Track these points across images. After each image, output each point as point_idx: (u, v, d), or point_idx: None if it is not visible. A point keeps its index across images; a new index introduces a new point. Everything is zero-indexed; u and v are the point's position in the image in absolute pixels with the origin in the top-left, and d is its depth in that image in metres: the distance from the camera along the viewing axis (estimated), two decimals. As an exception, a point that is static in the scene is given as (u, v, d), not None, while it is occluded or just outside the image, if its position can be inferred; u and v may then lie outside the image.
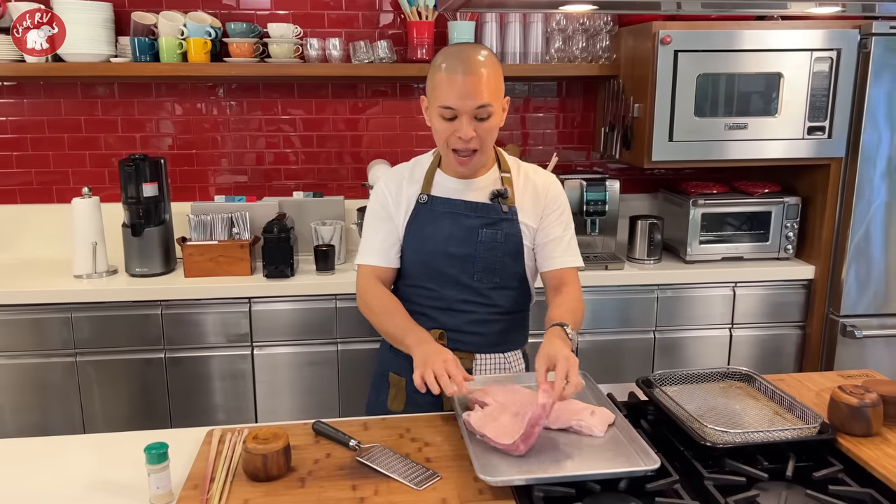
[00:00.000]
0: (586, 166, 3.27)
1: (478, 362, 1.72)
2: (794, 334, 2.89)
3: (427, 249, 1.67)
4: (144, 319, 2.58)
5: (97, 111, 2.97)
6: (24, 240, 2.98)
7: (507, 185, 1.69)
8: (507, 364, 1.76)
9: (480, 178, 1.69)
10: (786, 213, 2.87)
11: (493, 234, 1.66)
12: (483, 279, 1.67)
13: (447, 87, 1.52)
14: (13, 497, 1.32)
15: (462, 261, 1.66)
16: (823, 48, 2.64)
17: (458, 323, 1.68)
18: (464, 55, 1.55)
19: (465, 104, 1.52)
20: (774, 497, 1.24)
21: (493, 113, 1.56)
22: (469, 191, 1.68)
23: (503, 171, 1.71)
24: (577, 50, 2.94)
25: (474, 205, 1.67)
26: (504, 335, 1.75)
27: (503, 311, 1.72)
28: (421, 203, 1.68)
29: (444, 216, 1.67)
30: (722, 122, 2.70)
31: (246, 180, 3.10)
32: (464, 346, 1.70)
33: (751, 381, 1.63)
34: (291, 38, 2.80)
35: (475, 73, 1.52)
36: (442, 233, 1.66)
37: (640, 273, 2.79)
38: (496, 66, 1.57)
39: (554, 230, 1.72)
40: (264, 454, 1.29)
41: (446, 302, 1.68)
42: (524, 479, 1.25)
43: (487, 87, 1.53)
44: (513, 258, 1.68)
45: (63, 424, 2.61)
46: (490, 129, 1.58)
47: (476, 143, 1.57)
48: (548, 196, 1.72)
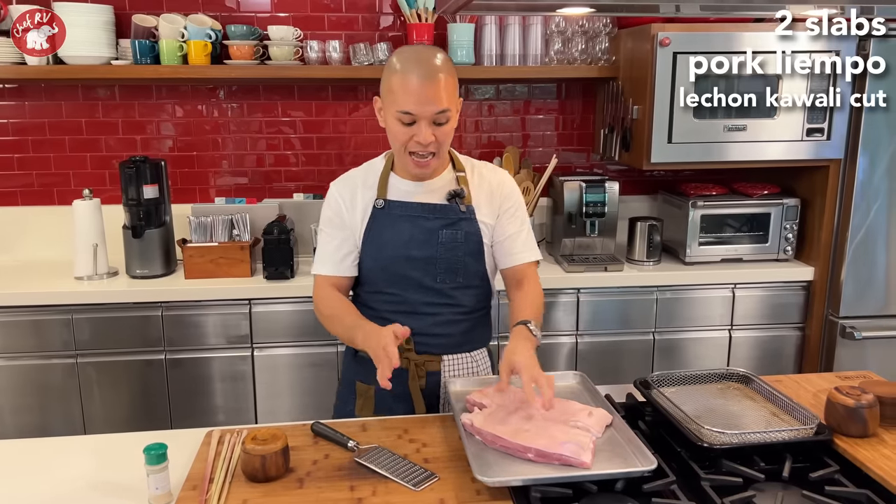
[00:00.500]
0: (586, 168, 3.27)
1: (445, 363, 1.70)
2: (794, 336, 2.90)
3: (387, 254, 1.65)
4: (145, 321, 2.58)
5: (98, 113, 2.98)
6: (25, 241, 2.99)
7: (462, 184, 1.68)
8: (474, 363, 1.75)
9: (435, 179, 1.67)
10: (785, 214, 2.88)
11: (453, 234, 1.65)
12: (446, 280, 1.66)
13: (405, 92, 1.51)
14: (13, 497, 1.32)
15: (424, 263, 1.65)
16: (822, 50, 2.65)
17: (423, 326, 1.66)
18: (420, 58, 1.54)
19: (425, 109, 1.51)
20: (771, 498, 1.24)
21: (451, 117, 1.56)
22: (425, 193, 1.67)
23: (458, 171, 1.70)
24: (576, 52, 2.95)
25: (432, 206, 1.66)
26: (469, 334, 1.74)
27: (468, 311, 1.72)
28: (378, 208, 1.66)
29: (402, 220, 1.65)
30: (721, 124, 2.70)
31: (246, 182, 3.11)
32: (431, 349, 1.69)
33: (748, 382, 1.63)
34: (291, 41, 2.81)
35: (433, 78, 1.51)
36: (401, 237, 1.64)
37: (640, 274, 2.79)
38: (452, 68, 1.56)
39: (510, 226, 1.72)
40: (263, 455, 1.30)
41: (410, 306, 1.67)
42: (521, 479, 1.26)
43: (446, 92, 1.52)
44: (474, 257, 1.68)
45: (63, 425, 2.61)
46: (448, 132, 1.58)
47: (434, 147, 1.56)
48: (502, 193, 1.72)
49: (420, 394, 1.68)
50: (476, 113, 3.17)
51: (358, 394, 1.73)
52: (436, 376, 1.70)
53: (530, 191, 2.97)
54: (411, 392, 1.68)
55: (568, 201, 2.88)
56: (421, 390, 1.68)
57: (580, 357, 2.79)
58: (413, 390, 1.68)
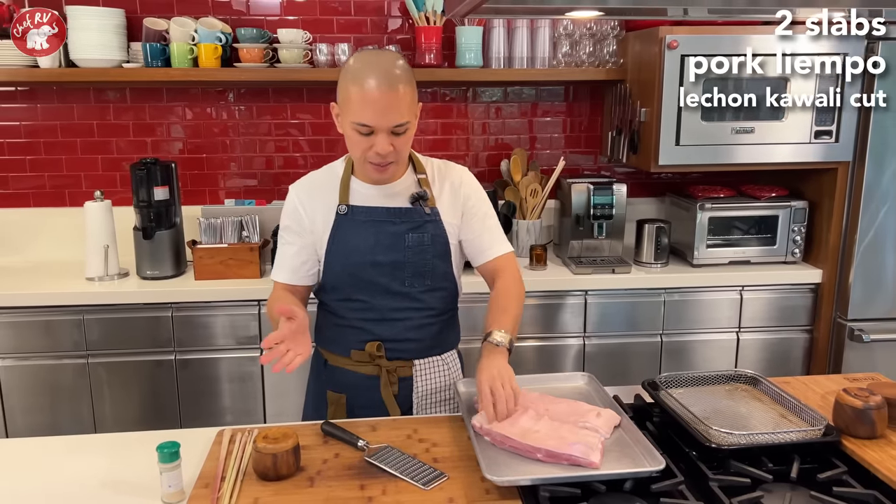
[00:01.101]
0: (593, 170, 3.28)
1: (417, 368, 1.69)
2: (802, 338, 2.89)
3: (353, 261, 1.62)
4: (155, 322, 2.60)
5: (109, 116, 3.00)
6: (37, 243, 3.02)
7: (424, 186, 1.66)
8: (445, 365, 1.73)
9: (397, 182, 1.65)
10: (793, 216, 2.88)
11: (419, 237, 1.63)
12: (414, 283, 1.64)
13: (362, 104, 1.47)
14: (27, 495, 1.34)
15: (391, 268, 1.63)
16: (830, 52, 2.65)
17: (394, 332, 1.65)
18: (379, 68, 1.49)
19: (382, 122, 1.49)
20: (779, 498, 1.25)
21: (409, 128, 1.54)
22: (387, 196, 1.64)
23: (419, 173, 1.68)
24: (584, 55, 2.96)
25: (397, 210, 1.63)
26: (439, 337, 1.73)
27: (437, 313, 1.70)
28: (340, 214, 1.63)
29: (366, 225, 1.62)
30: (729, 126, 2.70)
31: (255, 184, 3.13)
32: (402, 355, 1.68)
33: (756, 383, 1.64)
34: (301, 44, 2.83)
35: (392, 90, 1.47)
36: (367, 242, 1.62)
37: (647, 277, 2.79)
38: (411, 77, 1.53)
39: (476, 224, 1.71)
40: (274, 454, 1.31)
41: (379, 312, 1.65)
42: (530, 479, 1.27)
43: (404, 104, 1.50)
44: (441, 259, 1.66)
45: (74, 425, 2.63)
46: (406, 141, 1.56)
47: (393, 157, 1.54)
48: (463, 192, 1.70)
49: (394, 400, 1.67)
50: (484, 115, 3.19)
51: (329, 402, 1.71)
52: (408, 381, 1.69)
53: (538, 193, 2.98)
54: (384, 399, 1.67)
55: (576, 203, 2.88)
56: (394, 396, 1.67)
57: (588, 359, 2.79)
58: (386, 397, 1.67)
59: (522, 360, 2.76)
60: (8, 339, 2.56)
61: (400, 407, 1.68)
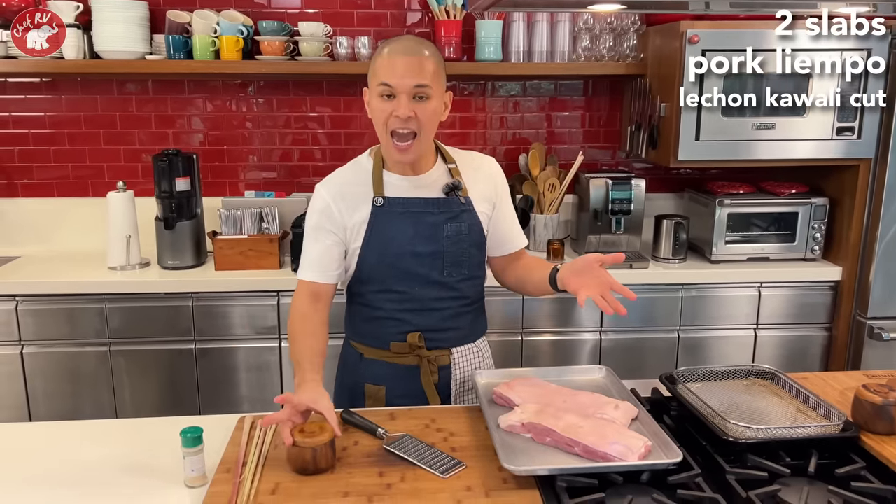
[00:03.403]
0: (611, 165, 3.27)
1: (455, 357, 1.71)
2: (820, 336, 2.88)
3: (393, 252, 1.62)
4: (175, 311, 2.64)
5: (132, 107, 3.04)
6: (61, 232, 3.07)
7: (456, 176, 1.67)
8: (479, 353, 1.75)
9: (428, 172, 1.66)
10: (813, 213, 2.86)
11: (457, 227, 1.64)
12: (452, 273, 1.66)
13: (385, 66, 1.52)
14: (51, 479, 1.37)
15: (431, 258, 1.63)
16: (853, 48, 2.62)
17: (433, 322, 1.66)
18: (407, 42, 1.57)
19: (404, 82, 1.50)
20: (796, 492, 1.25)
21: (432, 96, 1.53)
22: (421, 187, 1.65)
23: (448, 163, 1.69)
24: (604, 49, 2.95)
25: (434, 201, 1.64)
26: (474, 325, 1.75)
27: (471, 302, 1.72)
28: (377, 206, 1.62)
29: (404, 216, 1.63)
30: (749, 122, 2.69)
31: (275, 176, 3.15)
32: (442, 344, 1.69)
33: (774, 378, 1.64)
34: (321, 37, 2.85)
35: (416, 54, 1.52)
36: (406, 233, 1.62)
37: (665, 272, 2.79)
38: (440, 58, 1.57)
39: (508, 213, 1.76)
40: (313, 447, 1.31)
41: (420, 303, 1.65)
42: (548, 469, 1.28)
43: (428, 69, 1.52)
44: (478, 248, 1.69)
45: (95, 412, 2.68)
46: (429, 112, 1.54)
47: (414, 125, 1.53)
48: (496, 179, 1.74)
49: (434, 389, 1.68)
50: (502, 109, 3.19)
51: (367, 395, 1.72)
52: (446, 370, 1.71)
53: (556, 187, 2.98)
54: (425, 388, 1.68)
55: (594, 198, 2.88)
56: (434, 385, 1.69)
57: (604, 354, 2.80)
58: (427, 386, 1.68)
59: (538, 353, 2.77)
60: (32, 327, 2.60)
61: (439, 395, 1.69)
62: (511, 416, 1.44)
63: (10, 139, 3.02)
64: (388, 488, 1.28)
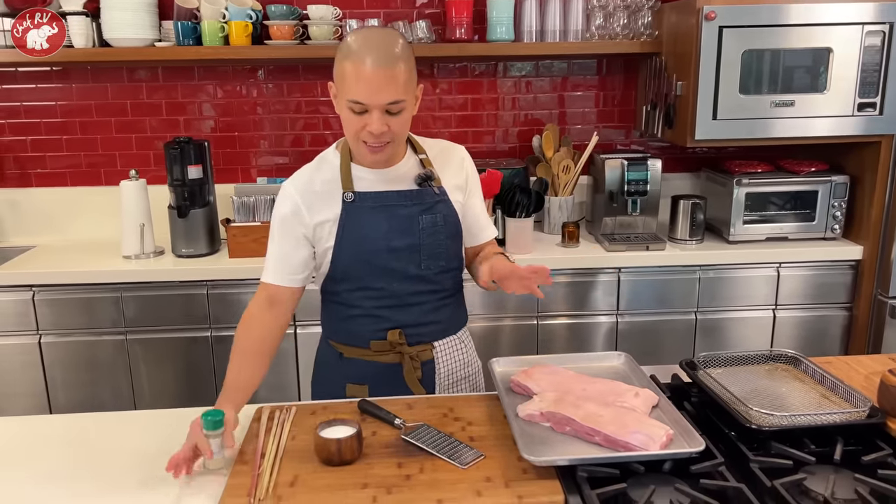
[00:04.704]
0: (626, 145, 3.23)
1: (437, 350, 1.67)
2: (840, 316, 2.84)
3: (367, 248, 1.57)
4: (190, 299, 2.64)
5: (142, 95, 3.03)
6: (75, 221, 3.07)
7: (427, 166, 1.61)
8: (461, 343, 1.72)
9: (399, 164, 1.60)
10: (833, 191, 2.81)
11: (432, 218, 1.59)
12: (430, 266, 1.60)
13: (356, 80, 1.41)
14: (73, 470, 1.37)
15: (407, 252, 1.58)
16: (875, 21, 2.56)
17: (413, 317, 1.61)
18: (376, 43, 1.42)
19: (376, 100, 1.42)
20: (822, 481, 1.22)
21: (405, 108, 1.47)
22: (392, 180, 1.59)
23: (419, 154, 1.63)
24: (618, 27, 2.90)
25: (407, 193, 1.59)
26: (454, 317, 1.71)
27: (451, 293, 1.68)
28: (347, 202, 1.56)
29: (377, 210, 1.57)
30: (768, 100, 2.64)
31: (286, 162, 3.13)
32: (423, 339, 1.65)
33: (797, 363, 1.61)
34: (331, 20, 2.81)
35: (387, 66, 1.40)
36: (380, 228, 1.56)
37: (682, 253, 2.75)
38: (409, 54, 1.47)
39: (477, 203, 1.71)
40: (339, 439, 1.30)
41: (398, 298, 1.61)
42: (568, 459, 1.26)
43: (400, 82, 1.43)
44: (454, 239, 1.64)
45: (113, 401, 2.70)
46: (403, 122, 1.49)
47: (388, 137, 1.47)
48: (465, 168, 1.68)
49: (419, 385, 1.66)
50: (514, 90, 3.15)
51: (350, 395, 1.68)
52: (429, 364, 1.67)
53: (570, 169, 2.95)
54: (409, 385, 1.65)
55: (609, 179, 2.85)
56: (419, 381, 1.66)
57: (620, 336, 2.78)
58: (411, 382, 1.65)
59: (553, 337, 2.75)
60: (49, 317, 2.61)
61: (424, 390, 1.67)
62: (529, 405, 1.43)
63: (22, 129, 3.02)
64: (408, 479, 1.27)
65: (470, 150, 1.75)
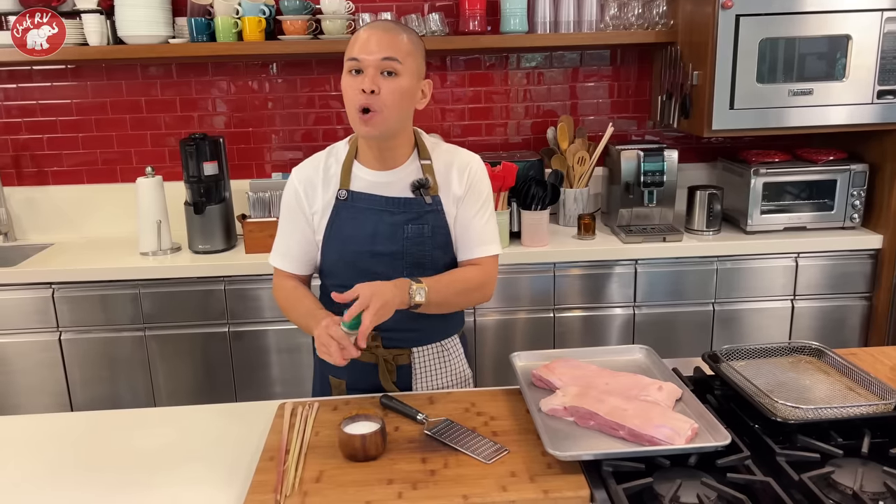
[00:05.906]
0: (640, 136, 3.21)
1: (415, 356, 1.66)
2: (860, 305, 2.82)
3: (351, 249, 1.58)
4: (208, 295, 2.65)
5: (156, 92, 3.03)
6: (92, 219, 3.09)
7: (427, 173, 1.58)
8: (445, 352, 1.69)
9: (400, 167, 1.58)
10: (852, 180, 2.78)
11: (419, 228, 1.57)
12: (413, 273, 1.55)
13: (356, 41, 1.47)
14: (97, 468, 1.38)
15: (390, 258, 1.57)
16: (894, 7, 2.52)
17: (391, 322, 1.50)
18: (386, 22, 1.53)
19: (370, 55, 1.44)
20: (850, 474, 1.21)
21: (401, 72, 1.46)
22: (389, 183, 1.58)
23: (422, 159, 1.60)
24: (632, 17, 2.87)
25: (396, 200, 1.57)
26: (438, 325, 1.67)
27: None
28: (340, 199, 1.57)
29: (366, 213, 1.57)
30: (785, 89, 2.61)
31: (301, 156, 3.11)
32: (400, 343, 1.64)
33: (821, 355, 1.60)
34: (344, 14, 2.80)
35: (388, 31, 1.47)
36: (365, 231, 1.56)
37: (699, 244, 2.74)
38: (417, 39, 1.52)
39: (470, 215, 1.61)
40: (363, 435, 1.30)
41: None
42: (593, 454, 1.26)
43: (401, 46, 1.46)
44: (442, 250, 1.60)
45: (132, 397, 2.72)
46: (396, 89, 1.46)
47: (378, 105, 1.45)
48: (467, 176, 1.61)
49: (394, 387, 1.65)
50: (527, 82, 3.13)
51: (332, 386, 1.70)
52: (406, 369, 1.66)
53: (585, 160, 2.93)
54: (384, 386, 1.65)
55: (625, 171, 2.83)
56: (393, 384, 1.65)
57: (637, 328, 2.77)
58: (386, 384, 1.65)
59: (570, 329, 2.75)
60: (68, 314, 2.63)
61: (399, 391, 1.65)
62: (553, 399, 1.42)
63: (38, 127, 3.04)
64: (432, 475, 1.27)
65: (483, 143, 1.73)
